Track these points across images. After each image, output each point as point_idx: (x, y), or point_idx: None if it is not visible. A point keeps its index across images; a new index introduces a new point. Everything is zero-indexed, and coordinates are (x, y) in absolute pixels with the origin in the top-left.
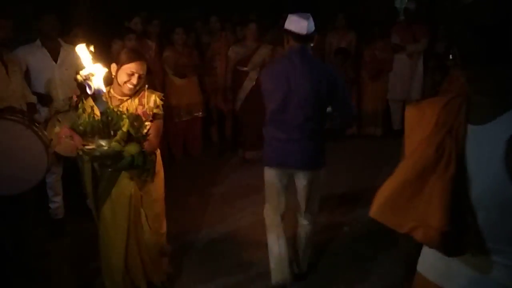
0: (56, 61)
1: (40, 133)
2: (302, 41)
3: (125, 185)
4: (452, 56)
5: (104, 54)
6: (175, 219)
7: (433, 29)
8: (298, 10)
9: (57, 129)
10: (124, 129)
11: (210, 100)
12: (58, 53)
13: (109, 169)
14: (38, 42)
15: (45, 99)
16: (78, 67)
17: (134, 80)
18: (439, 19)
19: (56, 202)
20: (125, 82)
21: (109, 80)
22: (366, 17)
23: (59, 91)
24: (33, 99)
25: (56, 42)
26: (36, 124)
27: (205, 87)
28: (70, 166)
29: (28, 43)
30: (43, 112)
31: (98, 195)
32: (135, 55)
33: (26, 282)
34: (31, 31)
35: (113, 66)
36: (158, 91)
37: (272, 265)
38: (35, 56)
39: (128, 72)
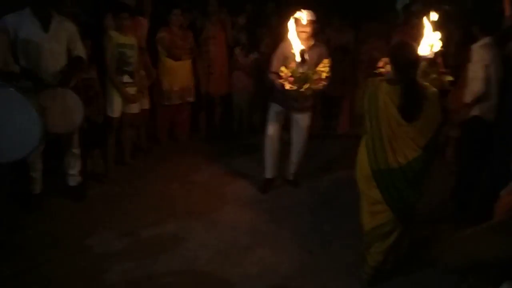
0: (46, 32)
1: (31, 100)
2: None
3: None
4: None
5: (97, 29)
6: (155, 205)
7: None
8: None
9: None
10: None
11: (200, 84)
12: (49, 23)
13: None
14: (28, 10)
15: (28, 73)
16: (68, 39)
17: None
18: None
19: (35, 177)
20: None
21: None
22: (366, 16)
23: (48, 65)
24: (16, 68)
25: (48, 12)
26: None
27: (197, 71)
28: (51, 142)
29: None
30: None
31: None
32: None
33: None
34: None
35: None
36: (152, 72)
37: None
38: (24, 25)
39: None
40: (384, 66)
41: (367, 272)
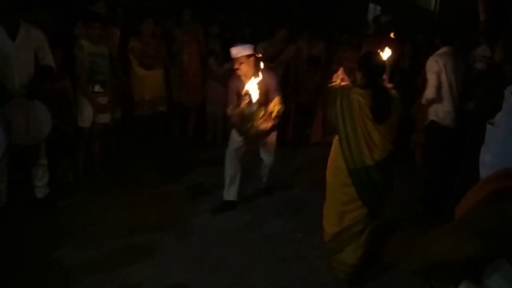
0: (13, 41)
1: None
2: None
3: None
4: None
5: (66, 37)
6: (126, 216)
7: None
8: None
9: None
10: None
11: (173, 93)
12: (17, 32)
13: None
14: None
15: None
16: (36, 48)
17: None
18: (407, 35)
19: None
20: None
21: None
22: (336, 26)
23: (15, 74)
24: None
25: (15, 20)
26: None
27: (169, 80)
28: (17, 155)
29: None
30: None
31: None
32: None
33: None
34: None
35: None
36: (124, 81)
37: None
38: None
39: None
40: (337, 80)
41: (346, 272)
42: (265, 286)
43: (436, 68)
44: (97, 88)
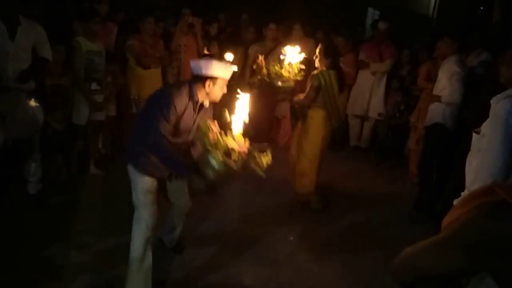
0: (12, 37)
1: None
2: None
3: None
4: None
5: (64, 34)
6: (118, 215)
7: (399, 52)
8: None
9: None
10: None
11: None
12: (16, 29)
13: None
14: None
15: None
16: (35, 43)
17: None
18: (405, 43)
19: None
20: None
21: None
22: (333, 29)
23: (9, 70)
24: None
25: (15, 17)
26: None
27: (167, 80)
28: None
29: None
30: None
31: None
32: None
33: None
34: None
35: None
36: (119, 78)
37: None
38: None
39: None
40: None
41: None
42: (254, 287)
43: (455, 74)
44: (93, 85)
